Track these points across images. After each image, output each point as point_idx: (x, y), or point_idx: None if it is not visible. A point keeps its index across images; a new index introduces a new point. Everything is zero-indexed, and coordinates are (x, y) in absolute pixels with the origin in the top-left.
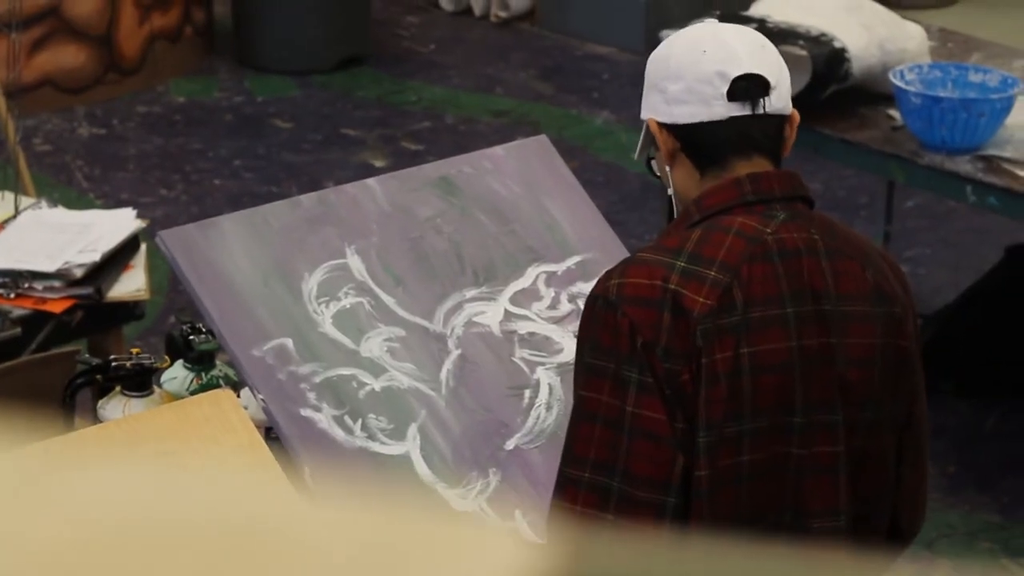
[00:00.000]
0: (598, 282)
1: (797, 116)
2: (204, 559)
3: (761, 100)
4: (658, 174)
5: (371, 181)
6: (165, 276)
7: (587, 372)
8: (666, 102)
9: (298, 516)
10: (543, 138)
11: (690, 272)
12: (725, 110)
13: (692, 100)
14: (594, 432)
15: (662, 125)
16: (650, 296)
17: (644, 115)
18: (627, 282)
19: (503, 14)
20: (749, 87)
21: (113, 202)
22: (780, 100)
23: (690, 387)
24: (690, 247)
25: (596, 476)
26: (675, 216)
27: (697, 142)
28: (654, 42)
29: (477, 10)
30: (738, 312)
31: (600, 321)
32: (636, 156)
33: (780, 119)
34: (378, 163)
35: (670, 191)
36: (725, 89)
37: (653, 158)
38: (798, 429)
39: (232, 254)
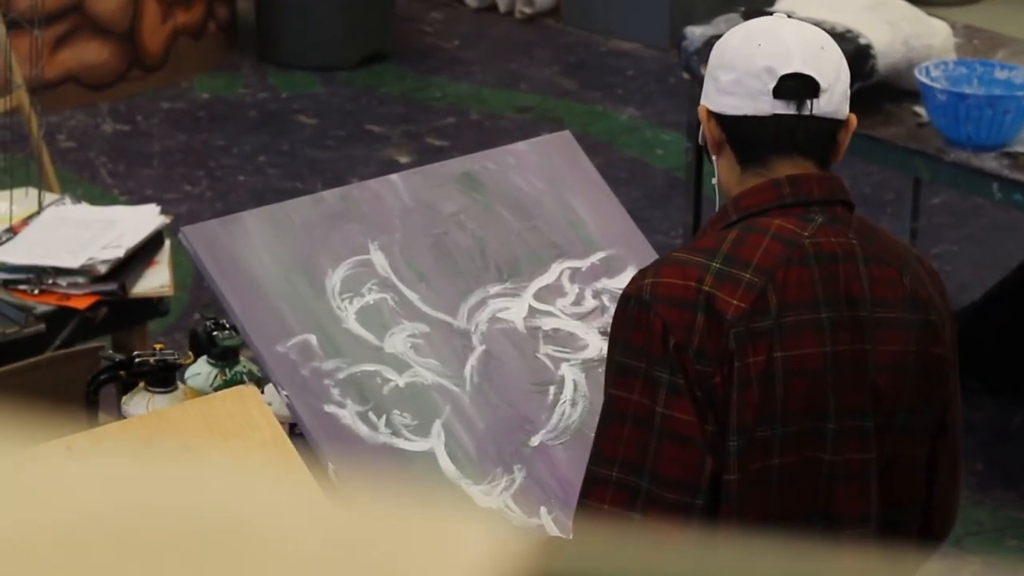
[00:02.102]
0: (631, 281)
1: (854, 121)
2: (195, 551)
3: (808, 101)
4: (706, 153)
5: (394, 177)
6: (189, 272)
7: (618, 371)
8: (717, 91)
9: (282, 510)
10: (566, 134)
11: (724, 274)
12: (770, 107)
13: (739, 92)
14: (623, 432)
15: (711, 113)
16: (683, 297)
17: (702, 101)
18: (660, 282)
19: (527, 10)
20: (797, 87)
21: (137, 198)
22: (831, 104)
23: (721, 390)
24: (726, 248)
25: (624, 476)
26: (715, 210)
27: (740, 136)
28: (679, 38)
29: (501, 6)
30: (772, 316)
31: (632, 321)
32: (700, 140)
33: (831, 123)
34: (402, 159)
35: (715, 181)
36: (772, 86)
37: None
38: (830, 435)
39: (255, 250)
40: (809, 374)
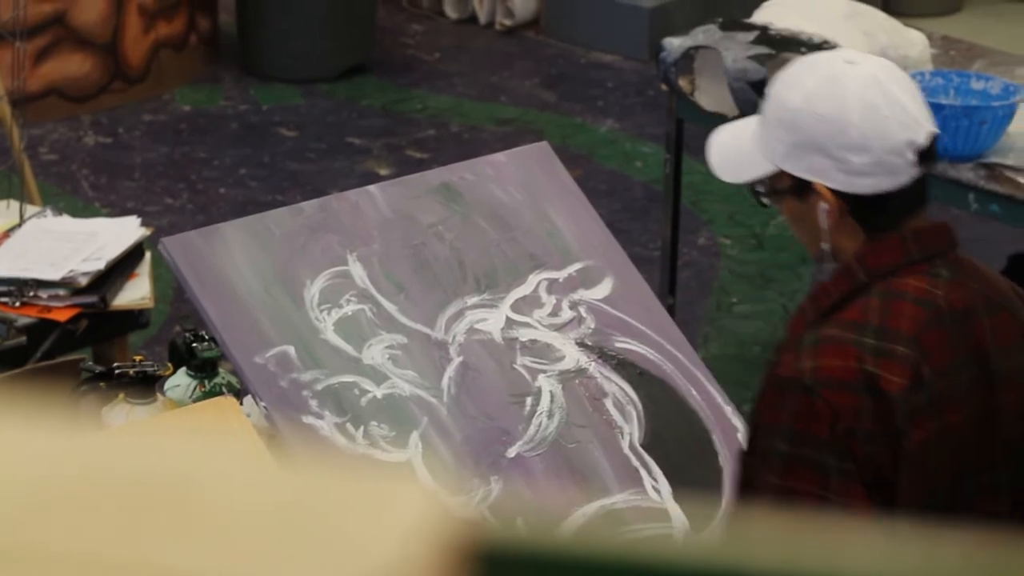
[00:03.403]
0: (783, 364)
1: None
2: (138, 510)
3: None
4: (766, 203)
5: (373, 188)
6: (169, 285)
7: (783, 460)
8: (845, 172)
9: (215, 471)
10: (544, 145)
11: (882, 350)
12: (911, 175)
13: (879, 172)
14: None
15: (833, 190)
16: (847, 379)
17: (796, 170)
18: (821, 364)
19: (508, 22)
20: (932, 147)
21: (119, 211)
22: None
23: (889, 469)
24: (875, 320)
25: None
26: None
27: (873, 208)
28: (658, 50)
29: (482, 18)
30: (927, 387)
31: (794, 407)
32: (731, 178)
33: None
34: (383, 171)
35: (825, 246)
36: (914, 157)
37: (762, 191)
38: (971, 491)
39: (234, 261)
40: (959, 439)
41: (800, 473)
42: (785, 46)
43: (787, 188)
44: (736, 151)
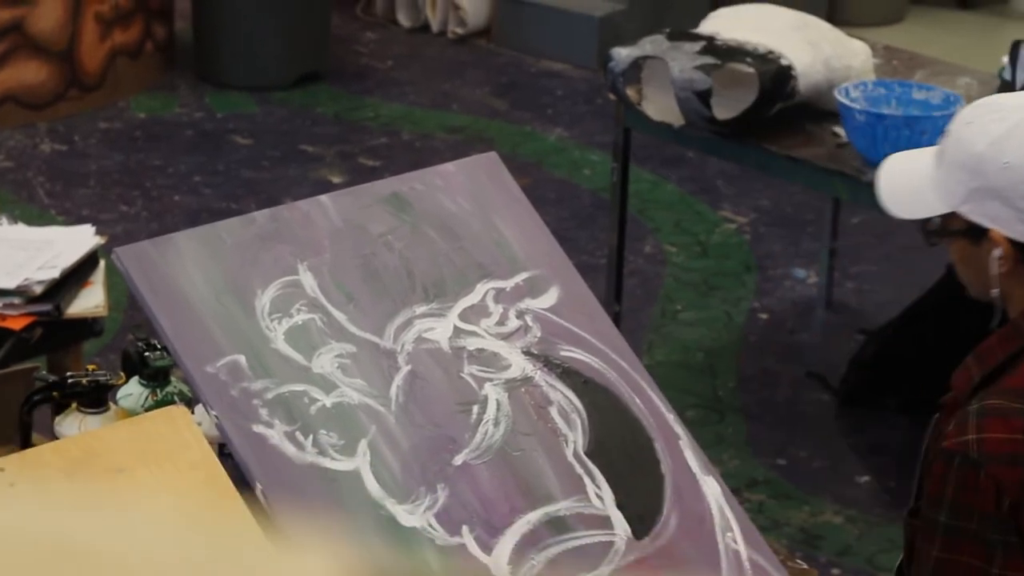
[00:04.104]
0: (950, 435)
1: None
2: None
3: None
4: (934, 242)
5: (324, 198)
6: (124, 293)
7: (945, 533)
8: None
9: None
10: (492, 155)
11: None
12: None
13: None
14: None
15: (1011, 240)
16: (1014, 452)
17: (974, 215)
18: (987, 438)
19: (460, 31)
20: None
21: (74, 218)
22: None
23: None
24: None
25: None
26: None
27: None
28: (606, 59)
29: (434, 27)
30: None
31: (959, 480)
32: (902, 214)
33: None
34: (336, 179)
35: (994, 293)
36: None
37: (932, 229)
38: None
39: (186, 270)
40: None
41: (962, 547)
42: (731, 56)
43: (960, 230)
44: (909, 186)
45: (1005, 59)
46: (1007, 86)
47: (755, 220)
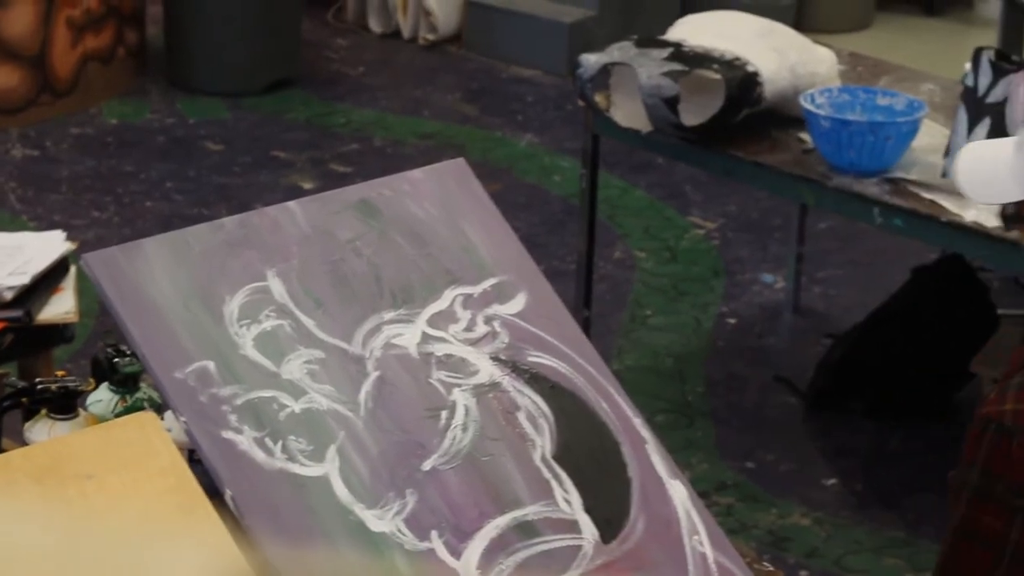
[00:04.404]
0: (990, 401)
1: None
2: None
3: None
4: (1010, 227)
5: (292, 204)
6: (95, 299)
7: (974, 494)
8: None
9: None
10: (460, 161)
11: None
12: None
13: None
14: (973, 552)
15: None
16: None
17: None
18: (1023, 409)
19: (431, 37)
20: None
21: (46, 224)
22: None
23: None
24: None
25: None
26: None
27: None
28: (576, 65)
29: (405, 33)
30: None
31: (991, 446)
32: (981, 199)
33: None
34: (307, 185)
35: None
36: None
37: (1010, 216)
38: None
39: (155, 277)
40: None
41: (987, 508)
42: (698, 63)
43: None
44: (988, 173)
45: (968, 65)
46: (970, 92)
47: (723, 225)
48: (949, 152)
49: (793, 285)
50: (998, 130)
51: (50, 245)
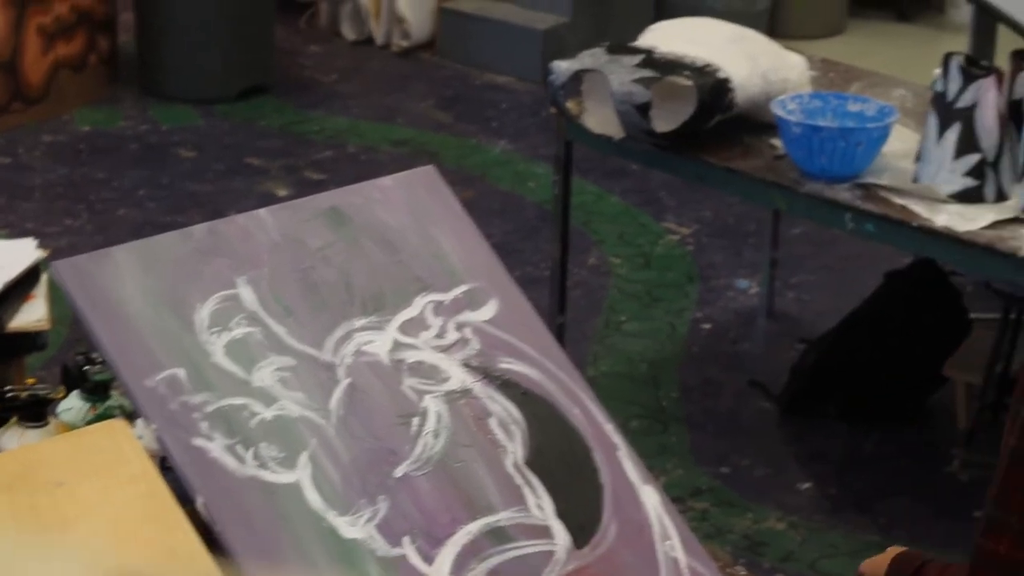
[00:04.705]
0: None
1: None
2: None
3: None
4: None
5: (262, 211)
6: (68, 306)
7: (1011, 456)
8: None
9: None
10: (431, 168)
11: None
12: None
13: None
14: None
15: None
16: None
17: None
18: None
19: (404, 44)
20: None
21: (18, 232)
22: None
23: None
24: None
25: None
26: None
27: None
28: (548, 72)
29: (378, 40)
30: None
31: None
32: None
33: None
34: (281, 192)
35: None
36: None
37: None
38: None
39: (125, 285)
40: None
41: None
42: (670, 70)
43: None
44: None
45: (938, 71)
46: (940, 97)
47: (698, 231)
48: (920, 157)
49: (767, 290)
50: (967, 135)
51: (22, 253)
